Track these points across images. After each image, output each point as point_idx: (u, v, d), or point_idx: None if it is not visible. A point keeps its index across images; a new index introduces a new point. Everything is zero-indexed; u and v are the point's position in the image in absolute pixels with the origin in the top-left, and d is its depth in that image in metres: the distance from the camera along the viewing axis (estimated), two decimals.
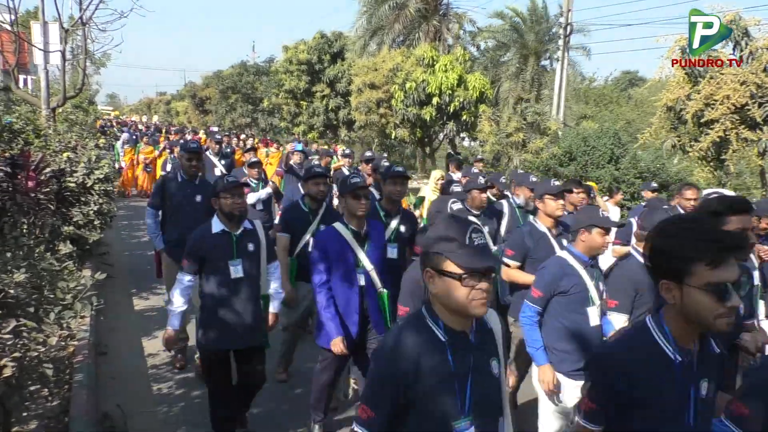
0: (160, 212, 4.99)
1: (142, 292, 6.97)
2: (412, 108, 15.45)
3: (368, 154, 8.08)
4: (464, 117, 15.48)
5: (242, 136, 21.24)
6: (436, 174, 7.33)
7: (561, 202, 3.90)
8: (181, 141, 11.85)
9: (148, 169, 14.98)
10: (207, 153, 7.85)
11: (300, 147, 8.39)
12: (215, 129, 31.65)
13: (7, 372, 2.38)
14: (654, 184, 7.29)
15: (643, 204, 6.34)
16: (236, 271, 3.42)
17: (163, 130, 25.51)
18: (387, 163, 9.45)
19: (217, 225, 3.50)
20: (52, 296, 2.92)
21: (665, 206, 4.25)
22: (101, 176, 6.35)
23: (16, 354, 2.42)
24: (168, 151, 13.40)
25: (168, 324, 3.53)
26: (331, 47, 23.04)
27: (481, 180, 5.04)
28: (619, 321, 3.20)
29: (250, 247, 3.52)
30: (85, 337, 4.80)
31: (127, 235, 10.33)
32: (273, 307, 3.75)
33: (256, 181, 6.69)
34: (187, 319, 4.48)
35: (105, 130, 20.60)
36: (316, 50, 22.68)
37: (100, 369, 4.69)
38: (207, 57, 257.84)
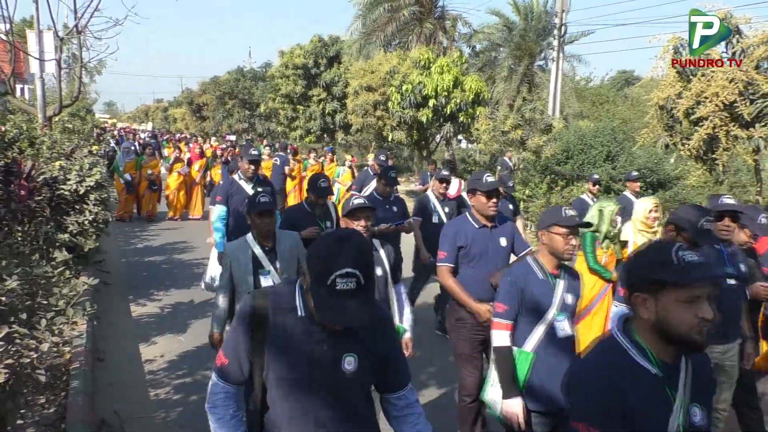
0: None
1: (139, 298, 7.00)
2: (408, 110, 15.46)
3: (445, 173, 5.80)
4: (461, 118, 15.50)
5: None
6: (648, 204, 4.80)
7: None
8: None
9: (154, 188, 12.60)
10: (237, 178, 5.68)
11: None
12: (232, 138, 28.78)
13: (0, 378, 2.39)
14: None
15: None
16: None
17: (163, 138, 24.84)
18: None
19: None
20: (45, 303, 2.94)
21: None
22: (92, 183, 6.30)
23: (9, 360, 2.44)
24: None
25: None
26: (327, 51, 23.11)
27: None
28: None
29: None
30: (81, 344, 4.81)
31: (123, 242, 10.34)
32: None
33: None
34: None
35: (101, 138, 17.23)
36: (312, 54, 22.75)
37: (97, 375, 4.70)
38: (204, 63, 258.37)
